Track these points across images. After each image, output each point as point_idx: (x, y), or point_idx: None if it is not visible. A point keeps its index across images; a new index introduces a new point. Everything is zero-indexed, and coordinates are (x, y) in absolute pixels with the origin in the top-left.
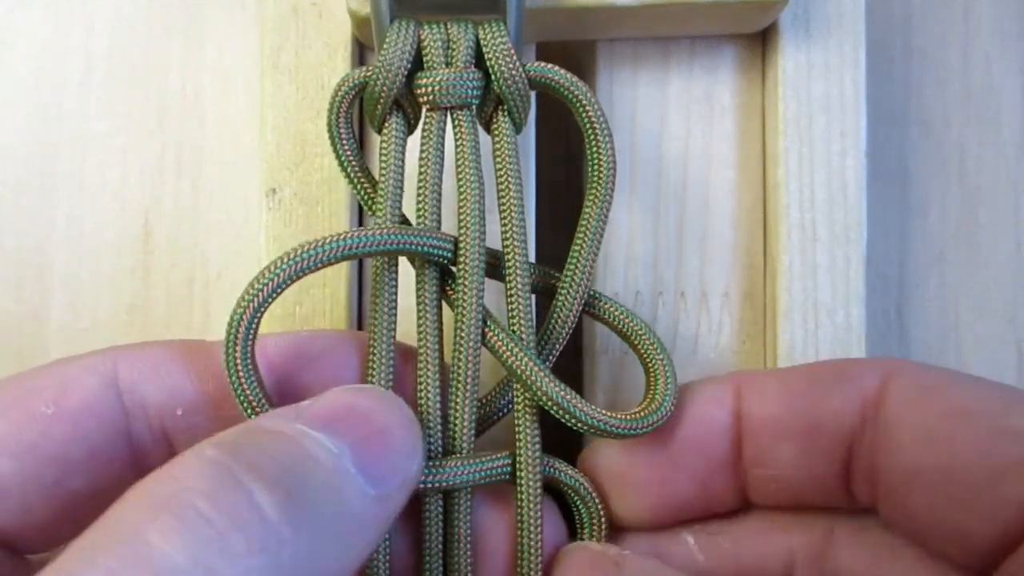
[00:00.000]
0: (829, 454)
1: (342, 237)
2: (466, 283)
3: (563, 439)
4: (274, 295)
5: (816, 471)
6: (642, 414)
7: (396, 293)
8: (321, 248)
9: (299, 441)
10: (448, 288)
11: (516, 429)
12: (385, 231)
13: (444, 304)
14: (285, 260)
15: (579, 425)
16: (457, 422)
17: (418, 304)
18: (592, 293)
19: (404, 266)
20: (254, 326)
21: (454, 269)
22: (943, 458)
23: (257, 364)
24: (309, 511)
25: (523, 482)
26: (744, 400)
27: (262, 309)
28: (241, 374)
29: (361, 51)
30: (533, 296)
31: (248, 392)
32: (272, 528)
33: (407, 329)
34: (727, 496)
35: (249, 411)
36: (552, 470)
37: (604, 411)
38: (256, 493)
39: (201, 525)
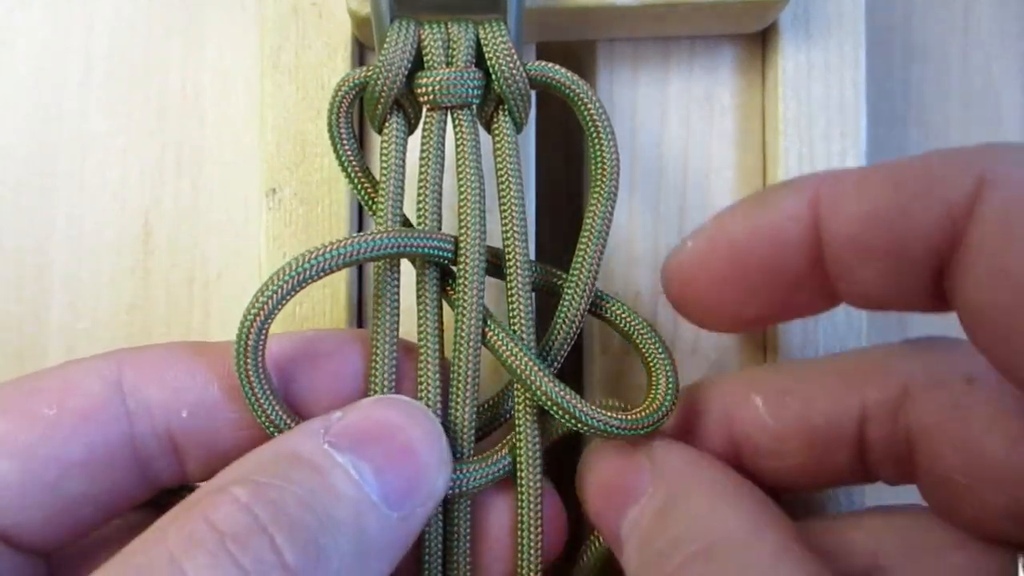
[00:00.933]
0: (916, 273)
1: (343, 244)
2: (466, 283)
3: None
4: (280, 305)
5: (904, 287)
6: (643, 414)
7: (399, 294)
8: (324, 256)
9: (324, 472)
10: (448, 288)
11: (516, 429)
12: (385, 235)
13: (445, 303)
14: (289, 271)
15: (579, 425)
16: (458, 423)
17: (419, 304)
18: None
19: (405, 265)
20: (263, 336)
21: (454, 268)
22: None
23: (269, 374)
24: (328, 553)
25: (523, 483)
26: (823, 216)
27: (269, 319)
28: (254, 385)
29: (361, 51)
30: (534, 295)
31: (263, 404)
32: (291, 573)
33: (408, 329)
34: (813, 302)
35: (268, 425)
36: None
37: (604, 411)
38: (278, 540)
39: (231, 567)
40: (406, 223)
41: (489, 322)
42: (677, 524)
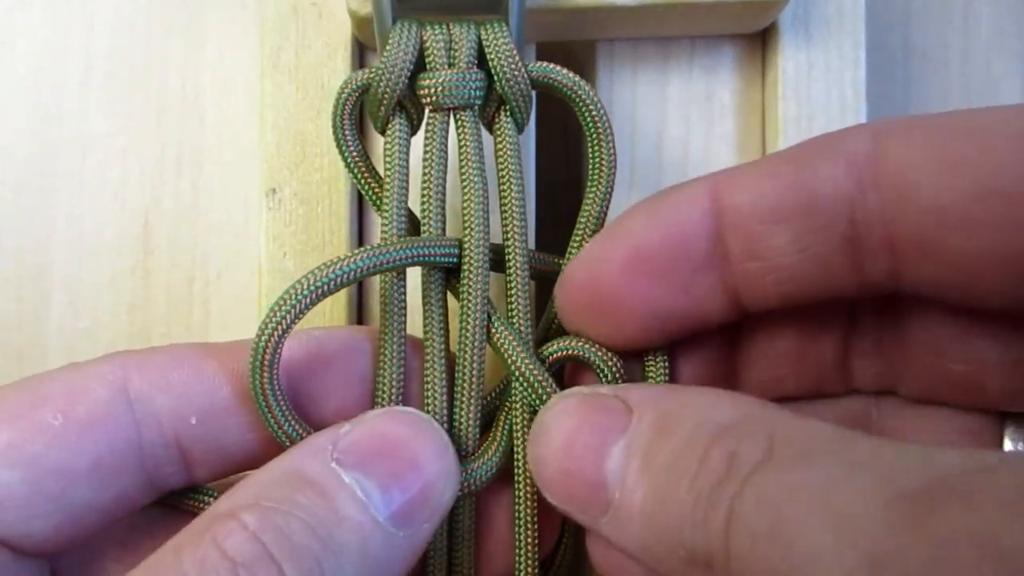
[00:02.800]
0: (829, 229)
1: (355, 259)
2: (470, 284)
3: None
4: (295, 322)
5: (818, 251)
6: None
7: (405, 300)
8: (337, 272)
9: (330, 495)
10: (454, 281)
11: (514, 425)
12: (394, 248)
13: (450, 302)
14: (303, 288)
15: None
16: (463, 422)
17: (424, 306)
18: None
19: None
20: (279, 353)
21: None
22: (973, 184)
23: (283, 389)
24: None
25: (520, 480)
26: (723, 194)
27: (285, 336)
28: (270, 401)
29: (361, 51)
30: (533, 289)
31: (279, 418)
32: None
33: (414, 328)
34: (717, 303)
35: (282, 437)
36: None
37: None
38: (286, 568)
39: None
40: (412, 220)
41: (493, 320)
42: (685, 422)
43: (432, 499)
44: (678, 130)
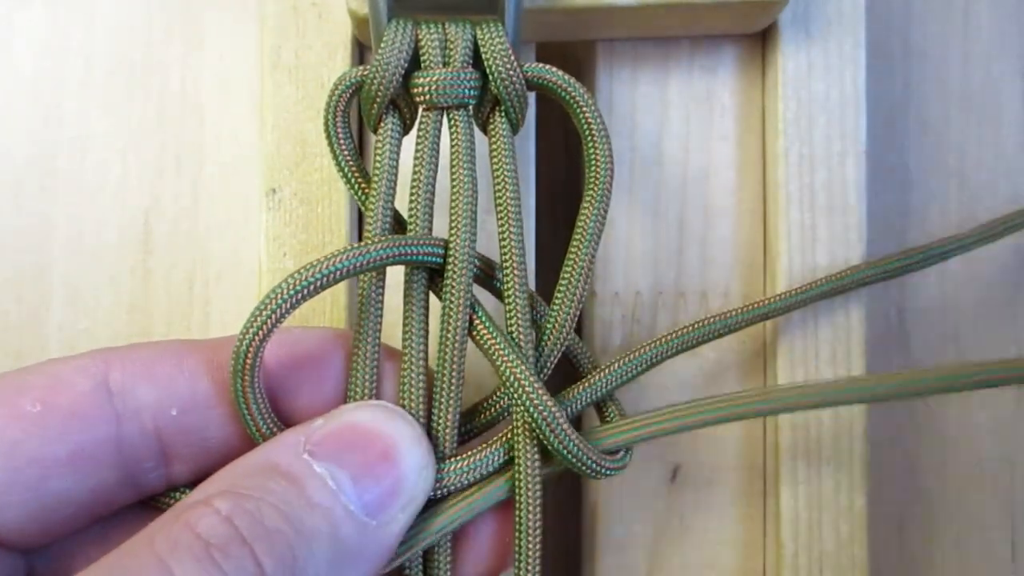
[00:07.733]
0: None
1: (337, 260)
2: (454, 284)
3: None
4: (277, 324)
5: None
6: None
7: (383, 299)
8: (319, 275)
9: (301, 483)
10: (438, 282)
11: (510, 429)
12: (378, 246)
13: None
14: (285, 291)
15: (559, 446)
16: (441, 423)
17: (405, 306)
18: (570, 346)
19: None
20: (260, 356)
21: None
22: None
23: (263, 391)
24: (304, 562)
25: (520, 481)
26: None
27: (267, 339)
28: (250, 404)
29: (361, 51)
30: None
31: (257, 420)
32: None
33: (393, 328)
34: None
35: (259, 437)
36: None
37: (584, 441)
38: (257, 550)
39: (215, 572)
40: (399, 220)
41: (481, 320)
42: None
43: (405, 489)
44: (678, 130)
